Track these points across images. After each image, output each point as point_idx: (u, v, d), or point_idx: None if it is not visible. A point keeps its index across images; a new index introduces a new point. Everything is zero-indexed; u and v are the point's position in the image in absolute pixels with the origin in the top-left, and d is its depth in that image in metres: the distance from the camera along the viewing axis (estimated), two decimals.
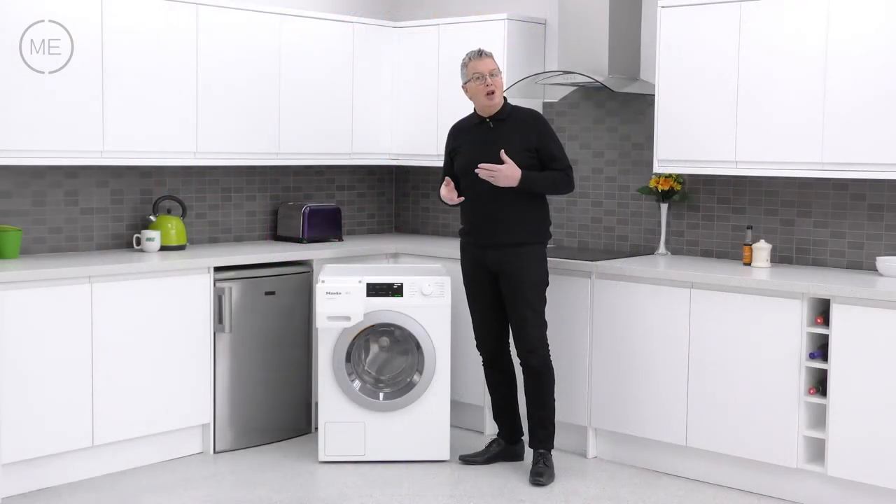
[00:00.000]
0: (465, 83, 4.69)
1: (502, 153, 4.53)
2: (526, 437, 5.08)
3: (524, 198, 4.61)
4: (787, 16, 4.57)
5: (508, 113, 4.70)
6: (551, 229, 4.80)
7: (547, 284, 4.72)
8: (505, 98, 4.73)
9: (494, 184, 4.53)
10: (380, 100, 6.01)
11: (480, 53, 4.67)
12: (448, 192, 4.70)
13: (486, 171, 4.50)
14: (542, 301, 4.69)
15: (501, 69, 5.50)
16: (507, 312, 4.73)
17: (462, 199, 4.70)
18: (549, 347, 4.84)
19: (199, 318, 4.92)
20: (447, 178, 4.77)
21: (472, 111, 4.82)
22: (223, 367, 5.02)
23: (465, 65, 4.68)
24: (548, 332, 4.83)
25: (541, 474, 4.62)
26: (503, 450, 4.93)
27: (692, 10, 4.86)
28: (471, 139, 4.73)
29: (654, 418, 4.79)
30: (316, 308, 4.84)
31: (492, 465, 4.88)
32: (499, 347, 4.85)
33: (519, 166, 4.55)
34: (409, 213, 6.53)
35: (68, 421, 4.50)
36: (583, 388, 5.01)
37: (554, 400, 4.73)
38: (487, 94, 4.62)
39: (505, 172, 4.50)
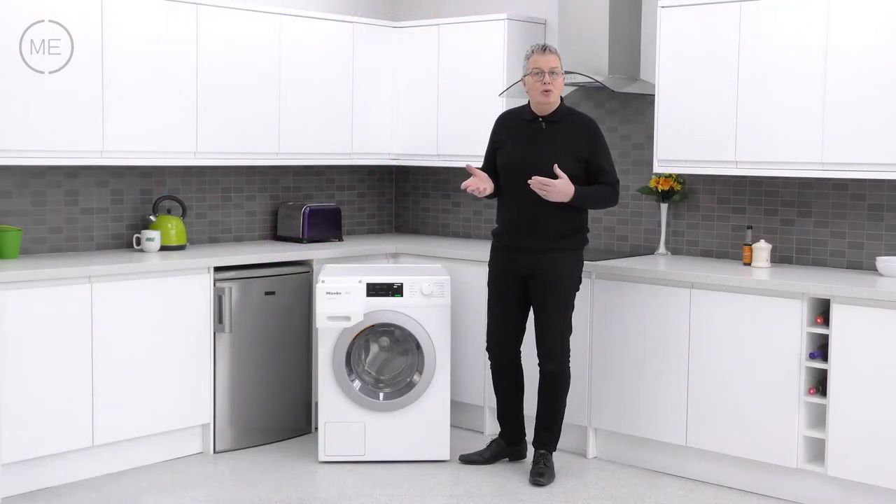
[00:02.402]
0: (524, 76, 4.52)
1: (556, 168, 4.35)
2: (529, 437, 5.07)
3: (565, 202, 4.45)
4: (787, 16, 4.57)
5: (563, 115, 4.53)
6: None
7: (577, 290, 4.65)
8: (562, 99, 4.57)
9: (545, 198, 4.36)
10: (380, 100, 6.00)
11: (545, 49, 4.47)
12: (476, 181, 4.50)
13: (538, 184, 4.33)
14: (571, 307, 4.61)
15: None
16: (535, 315, 4.61)
17: (485, 189, 4.53)
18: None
19: (199, 318, 4.92)
20: (479, 170, 4.58)
21: (526, 104, 4.63)
22: (223, 367, 5.02)
23: (527, 57, 4.51)
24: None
25: (541, 474, 4.61)
26: (503, 450, 4.91)
27: (692, 10, 4.86)
28: (518, 136, 4.56)
29: (654, 418, 4.79)
30: (316, 308, 4.84)
31: (492, 465, 4.87)
32: (511, 351, 4.75)
33: (564, 174, 4.37)
34: (409, 213, 6.53)
35: (68, 421, 4.49)
36: (583, 388, 5.01)
37: (565, 405, 4.69)
38: (543, 91, 4.45)
39: (559, 188, 4.34)
